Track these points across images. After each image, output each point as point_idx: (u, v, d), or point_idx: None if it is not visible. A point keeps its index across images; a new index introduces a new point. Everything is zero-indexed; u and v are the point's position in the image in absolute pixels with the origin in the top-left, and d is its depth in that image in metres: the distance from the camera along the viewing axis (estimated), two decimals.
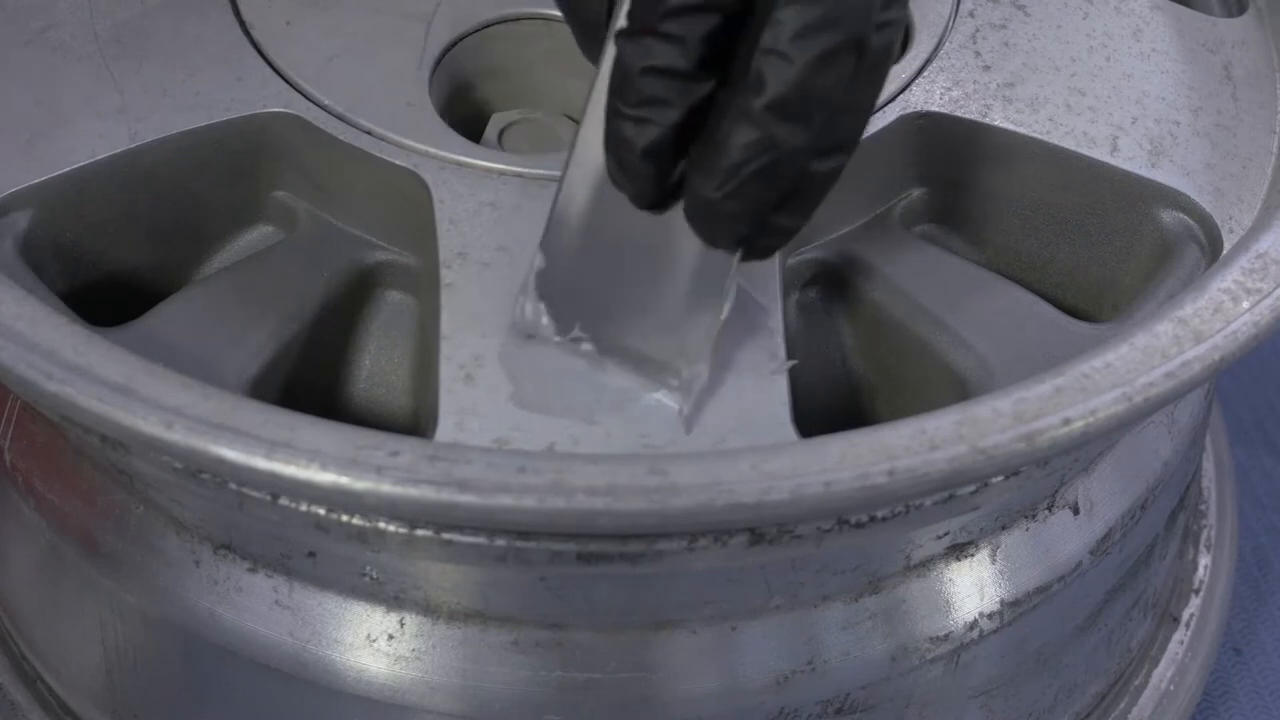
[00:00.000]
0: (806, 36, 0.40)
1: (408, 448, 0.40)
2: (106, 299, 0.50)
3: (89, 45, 0.52)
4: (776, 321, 0.46)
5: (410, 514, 0.42)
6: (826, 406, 0.50)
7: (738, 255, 0.43)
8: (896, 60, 0.53)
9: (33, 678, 0.55)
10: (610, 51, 0.42)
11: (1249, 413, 0.72)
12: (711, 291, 0.44)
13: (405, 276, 0.50)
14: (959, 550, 0.48)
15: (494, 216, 0.48)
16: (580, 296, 0.45)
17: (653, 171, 0.42)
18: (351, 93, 0.51)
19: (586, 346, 0.45)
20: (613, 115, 0.42)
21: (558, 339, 0.45)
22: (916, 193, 0.52)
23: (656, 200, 0.43)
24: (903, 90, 0.52)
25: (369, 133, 0.50)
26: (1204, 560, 0.61)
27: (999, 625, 0.49)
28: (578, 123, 0.45)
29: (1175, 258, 0.50)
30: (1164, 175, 0.51)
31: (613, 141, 0.42)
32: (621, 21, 0.42)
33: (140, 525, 0.48)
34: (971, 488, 0.44)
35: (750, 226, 0.42)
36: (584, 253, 0.45)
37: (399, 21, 0.53)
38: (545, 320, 0.45)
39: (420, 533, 0.42)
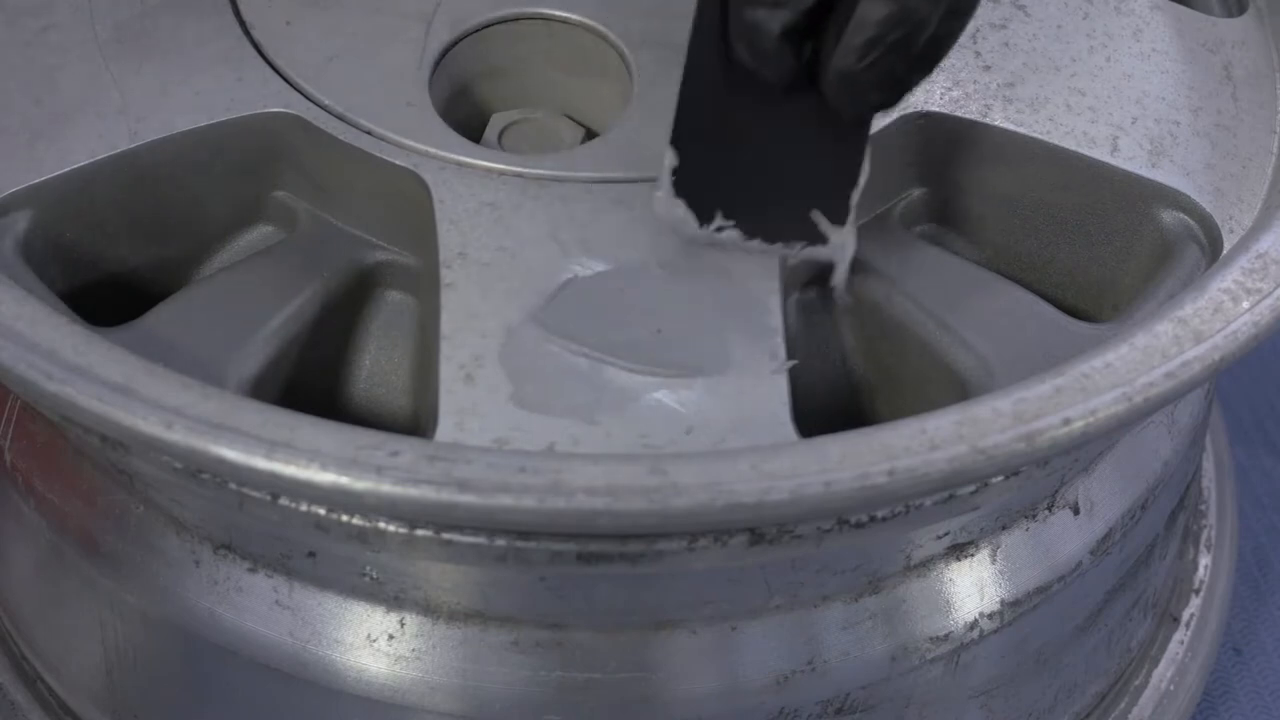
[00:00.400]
0: None
1: (408, 448, 0.40)
2: (106, 299, 0.50)
3: (89, 45, 0.52)
4: (776, 321, 0.46)
5: (410, 514, 0.42)
6: (826, 406, 0.50)
7: (870, 120, 0.44)
8: None
9: (33, 678, 0.55)
10: None
11: (1249, 413, 0.72)
12: (847, 158, 0.45)
13: (405, 276, 0.50)
14: (959, 550, 0.48)
15: (494, 216, 0.48)
16: (716, 185, 0.44)
17: (789, 53, 0.42)
18: (351, 93, 0.51)
19: (731, 233, 0.44)
20: (742, 3, 0.42)
21: (701, 230, 0.44)
22: (916, 193, 0.52)
23: (792, 80, 0.43)
24: None
25: (369, 133, 0.50)
26: (1204, 560, 0.61)
27: (999, 625, 0.49)
28: (584, 127, 0.44)
29: (1175, 258, 0.50)
30: (1164, 175, 0.51)
31: (744, 29, 0.42)
32: None
33: (140, 525, 0.48)
34: (971, 488, 0.44)
35: (886, 92, 0.43)
36: (715, 142, 0.44)
37: (399, 21, 0.53)
38: (684, 213, 0.44)
39: (420, 533, 0.42)
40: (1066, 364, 0.43)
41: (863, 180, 0.46)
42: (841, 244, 0.46)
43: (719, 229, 0.45)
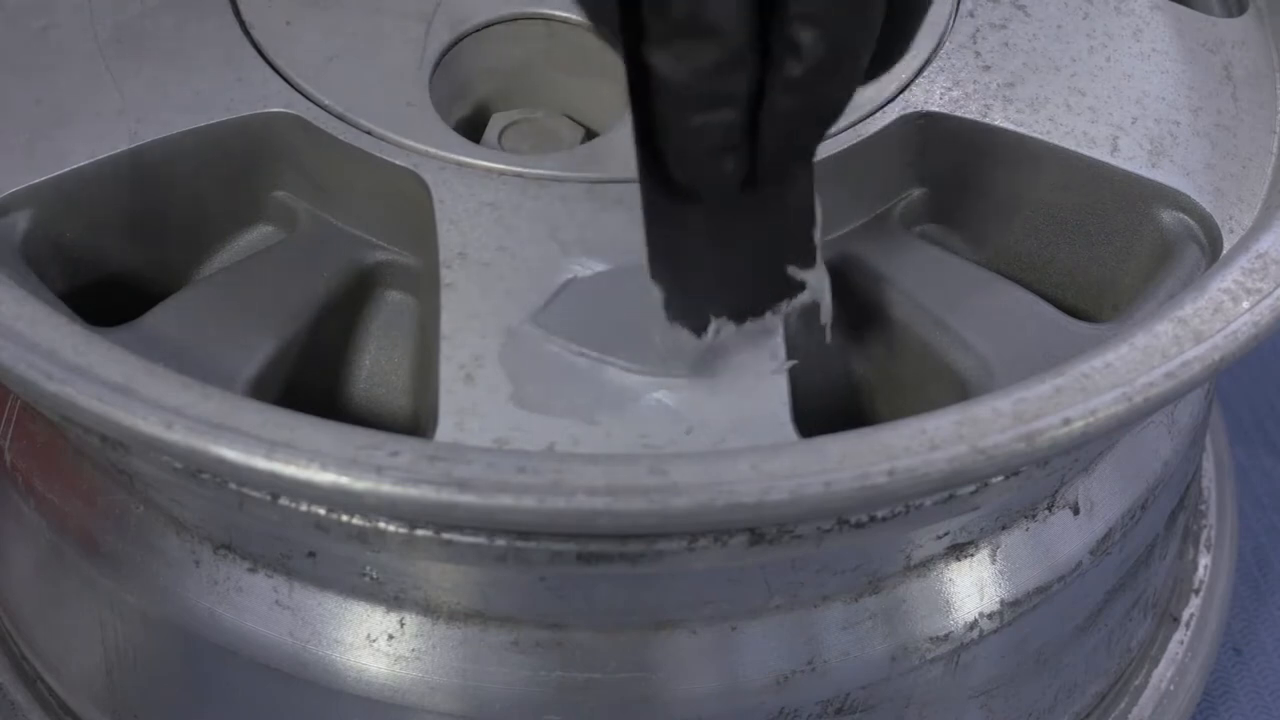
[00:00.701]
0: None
1: (408, 448, 0.40)
2: (106, 299, 0.50)
3: (89, 45, 0.52)
4: (776, 321, 0.46)
5: (410, 514, 0.42)
6: (826, 406, 0.50)
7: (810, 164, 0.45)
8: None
9: (33, 678, 0.55)
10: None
11: (1249, 413, 0.72)
12: (801, 205, 0.45)
13: (405, 276, 0.50)
14: (959, 550, 0.48)
15: (494, 216, 0.48)
16: (700, 295, 0.45)
17: (731, 164, 0.42)
18: (351, 93, 0.51)
19: (728, 327, 0.45)
20: (681, 136, 0.41)
21: (701, 340, 0.45)
22: (916, 193, 0.52)
23: (739, 183, 0.43)
24: (903, 90, 0.52)
25: (369, 133, 0.50)
26: (1204, 560, 0.61)
27: (999, 625, 0.49)
28: (584, 127, 0.44)
29: (1175, 258, 0.50)
30: (1164, 175, 0.51)
31: (682, 157, 0.42)
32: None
33: (140, 525, 0.48)
34: (971, 488, 0.44)
35: (814, 144, 0.44)
36: (685, 257, 0.44)
37: (399, 21, 0.53)
38: (684, 335, 0.44)
39: (420, 533, 0.42)
40: (1066, 364, 0.43)
41: (819, 217, 0.45)
42: (818, 285, 0.46)
43: (716, 331, 0.45)
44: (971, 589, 0.48)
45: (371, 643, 0.46)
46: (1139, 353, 0.43)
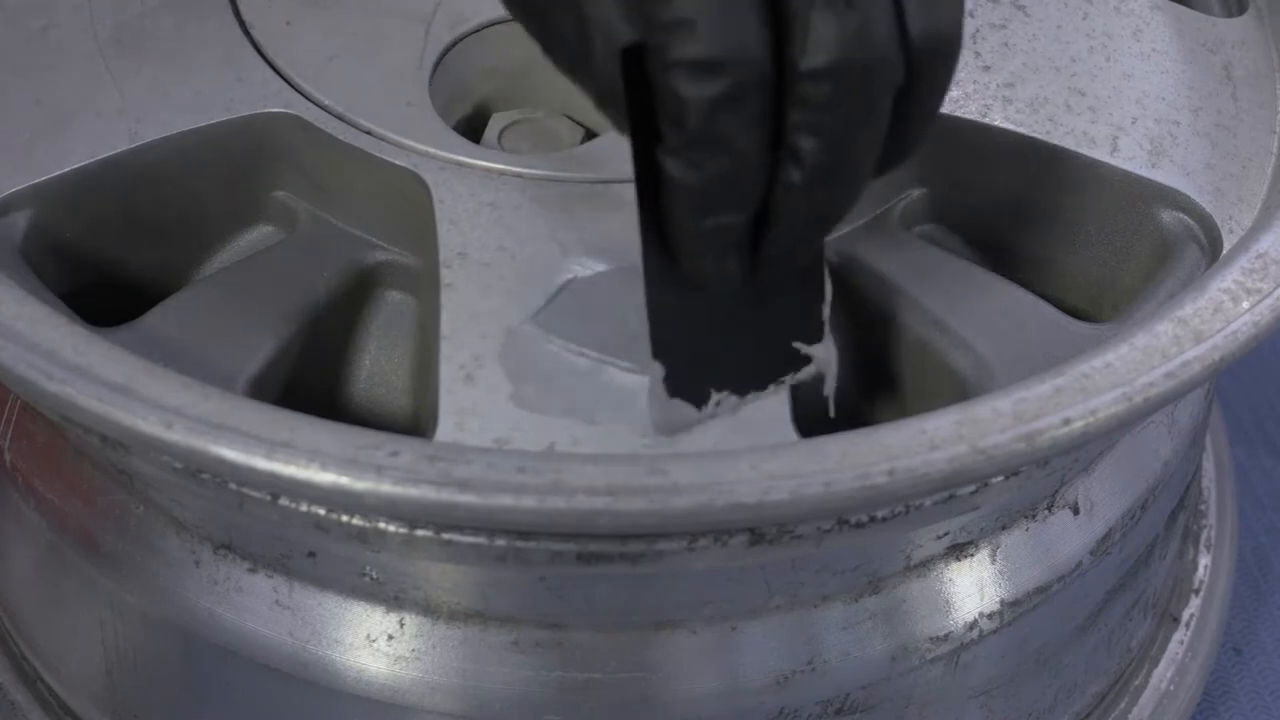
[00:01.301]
0: (835, 104, 0.40)
1: (408, 448, 0.40)
2: (106, 299, 0.50)
3: (89, 45, 0.52)
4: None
5: (410, 514, 0.42)
6: (827, 406, 0.50)
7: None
8: None
9: (33, 678, 0.55)
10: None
11: (1249, 413, 0.72)
12: (810, 281, 0.45)
13: (405, 276, 0.50)
14: (959, 550, 0.48)
15: (494, 216, 0.48)
16: (701, 370, 0.44)
17: (735, 262, 0.43)
18: (351, 93, 0.51)
19: (730, 400, 0.45)
20: (689, 237, 0.42)
21: (702, 413, 0.44)
22: (916, 193, 0.52)
23: (743, 278, 0.43)
24: None
25: (369, 133, 0.50)
26: (1204, 560, 0.61)
27: (999, 625, 0.49)
28: (584, 127, 0.44)
29: (1175, 258, 0.50)
30: (1164, 175, 0.51)
31: (689, 254, 0.43)
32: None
33: (140, 525, 0.48)
34: (971, 488, 0.44)
35: (819, 241, 0.44)
36: (688, 335, 0.45)
37: (399, 21, 0.53)
38: (683, 408, 0.44)
39: (420, 533, 0.42)
40: (1066, 364, 0.43)
41: (829, 294, 0.46)
42: (825, 358, 0.46)
43: (717, 404, 0.45)
44: (971, 589, 0.48)
45: (371, 643, 0.46)
46: (1139, 353, 0.43)
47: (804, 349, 0.45)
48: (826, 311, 0.46)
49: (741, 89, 0.40)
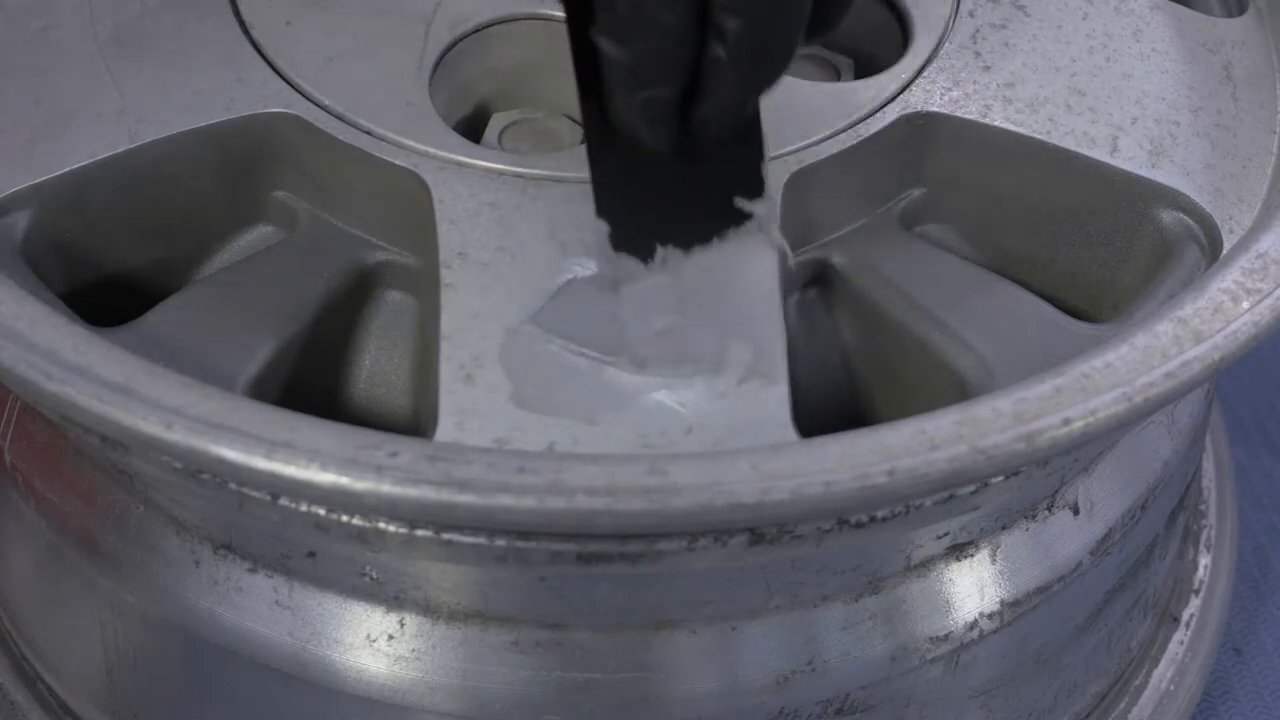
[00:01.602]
0: None
1: (408, 448, 0.40)
2: (106, 299, 0.50)
3: (89, 45, 0.52)
4: (777, 321, 0.46)
5: (410, 514, 0.42)
6: (826, 407, 0.50)
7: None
8: (895, 60, 0.53)
9: (33, 678, 0.55)
10: None
11: (1249, 413, 0.72)
12: (748, 142, 0.47)
13: (405, 276, 0.50)
14: (959, 550, 0.48)
15: (494, 216, 0.48)
16: (647, 226, 0.47)
17: (665, 131, 0.45)
18: (351, 93, 0.51)
19: (675, 254, 0.46)
20: (623, 107, 0.45)
21: (648, 266, 0.47)
22: (916, 193, 0.52)
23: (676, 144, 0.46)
24: (903, 90, 0.52)
25: (369, 133, 0.50)
26: (1204, 560, 0.61)
27: (999, 625, 0.49)
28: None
29: (1175, 258, 0.50)
30: (1164, 175, 0.51)
31: (623, 122, 0.45)
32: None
33: (140, 525, 0.48)
34: (971, 488, 0.44)
35: (752, 106, 0.46)
36: (633, 193, 0.47)
37: (399, 21, 0.53)
38: (629, 262, 0.46)
39: (420, 533, 0.42)
40: (1066, 364, 0.43)
41: (767, 152, 0.47)
42: (766, 212, 0.47)
43: (663, 260, 0.46)
44: (971, 589, 0.48)
45: (371, 643, 0.46)
46: (1139, 353, 0.43)
47: (745, 205, 0.47)
48: (766, 168, 0.47)
49: None
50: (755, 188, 0.47)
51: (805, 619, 0.46)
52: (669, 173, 0.47)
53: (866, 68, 0.55)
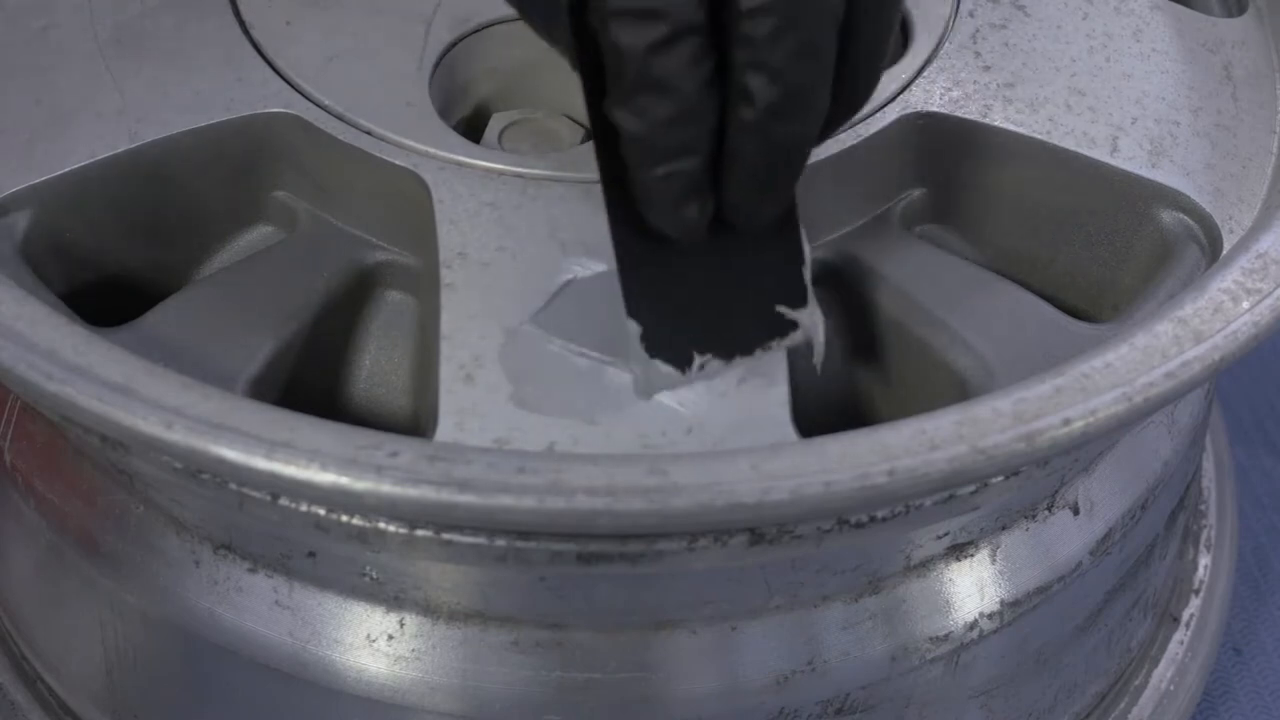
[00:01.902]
0: (778, 38, 0.41)
1: (408, 448, 0.40)
2: (106, 299, 0.50)
3: (89, 45, 0.52)
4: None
5: (410, 514, 0.42)
6: (826, 407, 0.50)
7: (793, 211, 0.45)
8: (895, 60, 0.53)
9: (33, 678, 0.55)
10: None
11: (1249, 413, 0.72)
12: (788, 244, 0.45)
13: (405, 276, 0.50)
14: (959, 550, 0.48)
15: (494, 216, 0.48)
16: (682, 331, 0.45)
17: (695, 211, 0.43)
18: (351, 93, 0.51)
19: (715, 364, 0.45)
20: (646, 186, 0.43)
21: (686, 376, 0.45)
22: (916, 193, 0.52)
23: (705, 228, 0.44)
24: (903, 90, 0.52)
25: (369, 133, 0.50)
26: (1204, 560, 0.61)
27: (999, 625, 0.49)
28: (584, 127, 0.44)
29: (1175, 258, 0.50)
30: (1164, 175, 0.51)
31: (649, 204, 0.43)
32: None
33: (140, 525, 0.48)
34: (971, 488, 0.44)
35: (778, 204, 0.44)
36: (666, 293, 0.45)
37: (399, 21, 0.53)
38: (666, 370, 0.44)
39: (420, 533, 0.42)
40: (1066, 364, 0.43)
41: (808, 256, 0.46)
42: (811, 322, 0.46)
43: (701, 367, 0.45)
44: (971, 589, 0.48)
45: (371, 643, 0.46)
46: (1139, 353, 0.43)
47: (788, 313, 0.45)
48: (808, 274, 0.46)
49: (677, 32, 0.41)
50: (798, 296, 0.46)
51: (805, 619, 0.46)
52: (701, 271, 0.45)
53: None
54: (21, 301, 0.43)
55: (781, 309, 0.45)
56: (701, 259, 0.45)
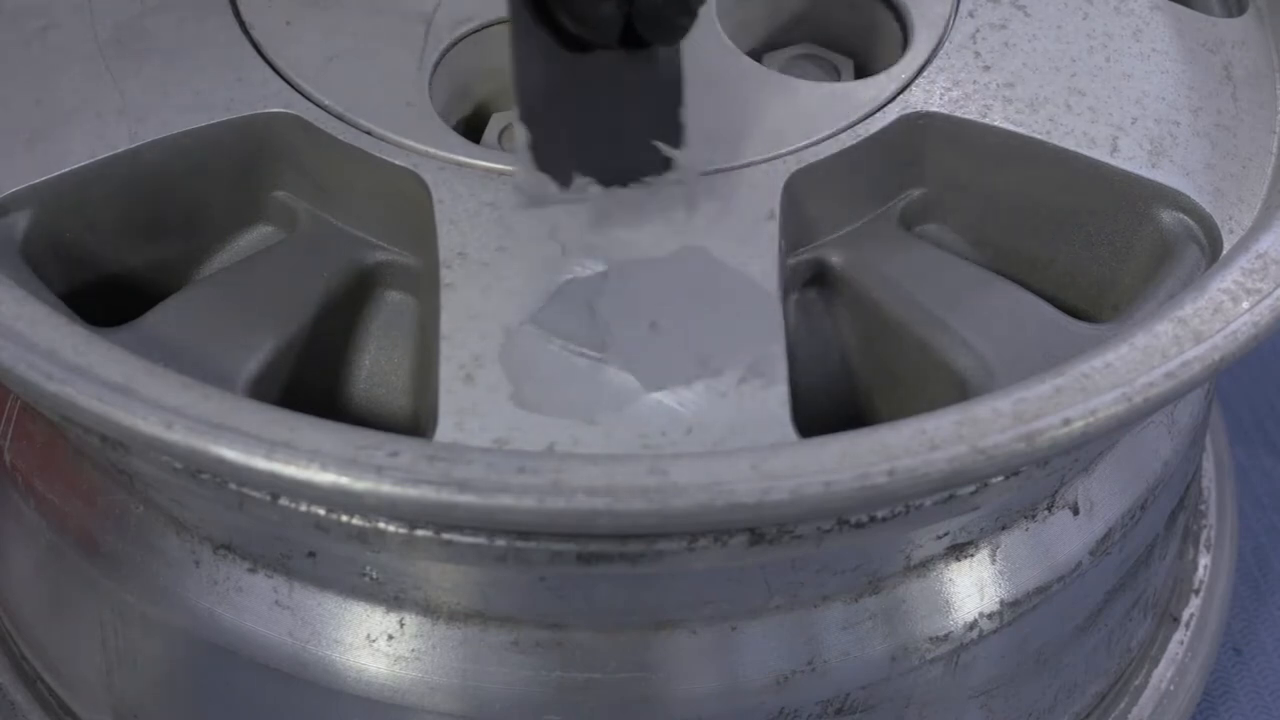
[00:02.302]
0: None
1: (408, 448, 0.40)
2: (106, 299, 0.50)
3: (89, 45, 0.52)
4: (777, 321, 0.46)
5: (410, 514, 0.42)
6: (826, 407, 0.50)
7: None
8: (896, 60, 0.53)
9: (33, 678, 0.55)
10: None
11: (1249, 413, 0.72)
12: (669, 87, 0.47)
13: (405, 276, 0.50)
14: (959, 550, 0.48)
15: (494, 216, 0.48)
16: (568, 150, 0.47)
17: (610, 8, 0.45)
18: (351, 93, 0.51)
19: (594, 189, 0.46)
20: None
21: (565, 192, 0.46)
22: (916, 193, 0.52)
23: (620, 31, 0.46)
24: (903, 90, 0.52)
25: (369, 133, 0.50)
26: (1204, 560, 0.61)
27: (999, 625, 0.49)
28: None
29: (1175, 258, 0.50)
30: (1164, 175, 0.51)
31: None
32: None
33: (140, 525, 0.48)
34: (971, 488, 0.44)
35: (687, 17, 0.46)
36: (556, 110, 0.47)
37: (399, 21, 0.53)
38: (546, 182, 0.46)
39: (420, 533, 0.42)
40: (1066, 364, 0.43)
41: (685, 99, 0.47)
42: (689, 166, 0.47)
43: (580, 189, 0.46)
44: (971, 589, 0.48)
45: (371, 643, 0.46)
46: (1139, 353, 0.43)
47: (665, 150, 0.47)
48: (684, 116, 0.47)
49: None
50: (675, 135, 0.47)
51: (805, 619, 0.46)
52: (595, 98, 0.46)
53: (866, 68, 0.55)
54: (21, 301, 0.43)
55: (658, 144, 0.47)
56: (595, 85, 0.46)
